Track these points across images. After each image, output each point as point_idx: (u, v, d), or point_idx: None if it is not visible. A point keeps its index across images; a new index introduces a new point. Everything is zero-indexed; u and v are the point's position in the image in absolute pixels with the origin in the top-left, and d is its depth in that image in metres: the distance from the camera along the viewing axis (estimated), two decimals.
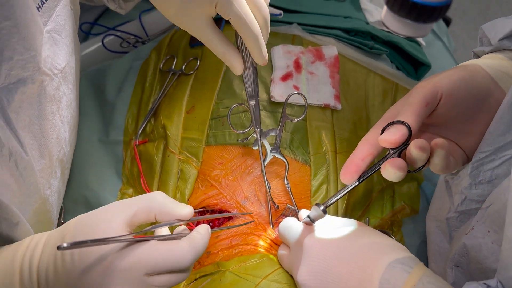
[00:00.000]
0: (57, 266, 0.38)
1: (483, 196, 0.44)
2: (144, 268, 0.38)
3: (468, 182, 0.45)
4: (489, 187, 0.44)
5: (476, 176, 0.44)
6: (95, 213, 0.41)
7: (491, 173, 0.43)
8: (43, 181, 0.45)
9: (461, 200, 0.46)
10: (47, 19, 0.42)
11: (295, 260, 0.46)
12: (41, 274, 0.38)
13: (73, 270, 0.37)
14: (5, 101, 0.37)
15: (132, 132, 0.63)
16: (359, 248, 0.42)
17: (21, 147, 0.40)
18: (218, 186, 0.56)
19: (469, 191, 0.45)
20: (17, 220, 0.41)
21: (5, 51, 0.35)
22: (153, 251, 0.38)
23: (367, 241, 0.43)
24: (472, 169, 0.44)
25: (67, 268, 0.37)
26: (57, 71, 0.44)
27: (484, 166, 0.44)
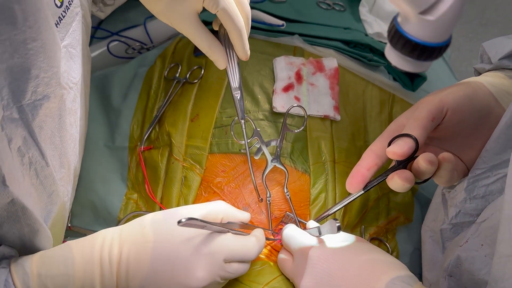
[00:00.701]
0: (140, 255, 0.44)
1: (477, 210, 0.47)
2: (224, 254, 0.45)
3: (463, 196, 0.47)
4: (482, 202, 0.46)
5: (471, 191, 0.47)
6: (170, 210, 0.49)
7: (485, 189, 0.46)
8: (63, 189, 0.47)
9: (456, 213, 0.48)
10: (64, 34, 0.44)
11: (298, 269, 0.48)
12: (122, 264, 0.44)
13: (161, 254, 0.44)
14: (30, 116, 0.39)
15: (137, 139, 0.64)
16: (362, 264, 0.45)
17: (42, 158, 0.42)
18: (220, 193, 0.59)
19: (464, 205, 0.47)
20: (39, 227, 0.43)
21: (32, 70, 0.37)
22: (231, 242, 0.46)
23: (370, 257, 0.46)
24: (468, 184, 0.47)
25: (148, 254, 0.44)
26: (72, 84, 0.45)
27: (479, 182, 0.46)
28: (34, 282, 0.42)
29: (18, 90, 0.37)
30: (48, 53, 0.38)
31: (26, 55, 0.36)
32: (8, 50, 0.35)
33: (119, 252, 0.44)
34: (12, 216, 0.41)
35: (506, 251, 0.37)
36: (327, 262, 0.46)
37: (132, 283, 0.44)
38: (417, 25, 0.33)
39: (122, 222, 0.59)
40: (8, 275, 0.41)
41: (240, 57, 0.56)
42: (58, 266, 0.43)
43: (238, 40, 0.53)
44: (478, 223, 0.45)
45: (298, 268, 0.48)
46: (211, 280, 0.45)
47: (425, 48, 0.34)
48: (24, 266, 0.42)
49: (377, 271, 0.43)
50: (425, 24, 0.33)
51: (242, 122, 0.56)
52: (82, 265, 0.43)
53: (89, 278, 0.43)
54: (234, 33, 0.52)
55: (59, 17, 0.42)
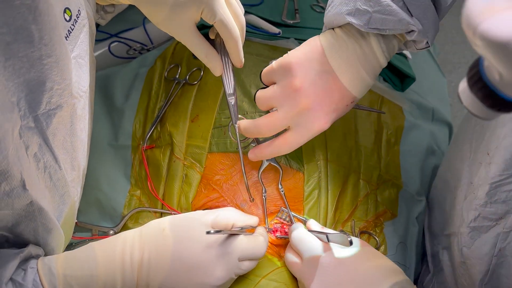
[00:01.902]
0: (161, 256, 0.48)
1: (496, 215, 0.50)
2: (238, 254, 0.51)
3: (484, 200, 0.50)
4: (503, 206, 0.49)
5: (493, 196, 0.49)
6: (187, 214, 0.54)
7: (507, 194, 0.48)
8: (74, 190, 0.51)
9: (475, 217, 0.51)
10: (73, 46, 0.46)
11: (308, 272, 0.51)
12: (143, 266, 0.48)
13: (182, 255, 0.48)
14: (44, 124, 0.42)
15: (139, 138, 0.67)
16: (367, 271, 0.49)
17: (55, 162, 0.45)
18: (219, 190, 0.62)
19: (484, 208, 0.50)
20: (53, 226, 0.47)
21: (47, 83, 0.40)
22: (244, 243, 0.52)
23: (373, 264, 0.50)
24: (490, 188, 0.49)
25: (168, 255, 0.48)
26: (82, 93, 0.48)
27: (502, 187, 0.49)
28: (60, 282, 0.45)
29: (34, 102, 0.40)
30: (61, 66, 0.41)
31: (42, 70, 0.39)
32: (26, 66, 0.37)
33: (141, 254, 0.48)
34: (29, 216, 0.44)
35: None
36: (336, 270, 0.49)
37: (153, 283, 0.48)
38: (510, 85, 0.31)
39: (126, 217, 0.62)
40: (36, 275, 0.44)
41: (235, 64, 0.59)
42: (82, 267, 0.46)
43: (234, 48, 0.56)
44: (507, 231, 0.48)
45: (307, 271, 0.52)
46: (228, 277, 0.50)
47: (500, 99, 0.32)
48: (50, 267, 0.45)
49: (380, 277, 0.48)
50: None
51: (236, 126, 0.59)
52: (104, 266, 0.47)
53: (111, 279, 0.46)
54: (230, 42, 0.56)
55: (68, 30, 0.44)
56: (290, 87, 0.53)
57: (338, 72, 0.52)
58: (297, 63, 0.53)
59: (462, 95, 0.35)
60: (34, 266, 0.45)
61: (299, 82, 0.52)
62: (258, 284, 0.54)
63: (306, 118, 0.53)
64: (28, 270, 0.45)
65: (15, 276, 0.44)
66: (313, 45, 0.54)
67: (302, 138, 0.55)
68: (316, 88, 0.52)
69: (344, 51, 0.52)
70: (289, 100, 0.53)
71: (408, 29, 0.49)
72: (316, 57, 0.53)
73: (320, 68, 0.52)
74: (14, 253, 0.45)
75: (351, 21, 0.50)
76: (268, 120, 0.55)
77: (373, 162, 0.67)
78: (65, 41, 0.43)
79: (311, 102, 0.52)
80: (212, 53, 0.57)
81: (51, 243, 0.49)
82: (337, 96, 0.53)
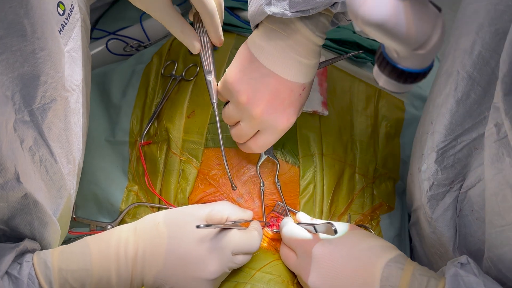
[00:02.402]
0: (155, 251, 0.49)
1: (449, 179, 0.51)
2: (231, 248, 0.51)
3: (434, 168, 0.52)
4: (452, 170, 0.51)
5: (441, 162, 0.51)
6: (181, 208, 0.55)
7: (453, 157, 0.50)
8: (70, 183, 0.51)
9: (430, 186, 0.53)
10: (67, 40, 0.47)
11: (303, 266, 0.52)
12: (138, 260, 0.48)
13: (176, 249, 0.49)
14: (40, 119, 0.42)
15: (137, 134, 0.68)
16: (360, 252, 0.49)
17: (51, 156, 0.46)
18: (215, 185, 0.63)
19: (436, 176, 0.52)
20: (48, 219, 0.47)
21: (41, 77, 0.40)
22: (237, 237, 0.52)
23: (366, 245, 0.50)
24: (437, 156, 0.51)
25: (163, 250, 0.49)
26: (75, 87, 0.49)
27: (447, 152, 0.50)
28: (55, 276, 0.46)
29: (28, 96, 0.40)
30: (54, 60, 0.42)
31: (35, 64, 0.39)
32: (19, 60, 0.38)
33: (135, 248, 0.49)
34: (24, 209, 0.44)
35: (498, 222, 0.42)
36: (330, 257, 0.50)
37: (147, 277, 0.49)
38: (408, 58, 0.36)
39: (124, 212, 0.63)
40: (31, 269, 0.45)
41: (213, 41, 0.58)
42: (77, 261, 0.47)
43: (210, 23, 0.55)
44: (465, 191, 0.50)
45: (302, 264, 0.52)
46: (221, 271, 0.50)
47: (413, 74, 0.36)
48: (46, 261, 0.46)
49: (375, 256, 0.48)
50: (415, 56, 0.35)
51: (214, 104, 0.59)
52: (98, 260, 0.47)
53: (106, 272, 0.47)
54: (206, 16, 0.55)
55: (61, 24, 0.45)
56: (239, 103, 0.53)
57: (276, 71, 0.52)
58: (235, 81, 0.53)
59: (376, 76, 0.40)
60: (30, 260, 0.46)
61: (245, 97, 0.53)
62: (253, 277, 0.54)
63: (267, 123, 0.54)
64: (23, 264, 0.45)
65: (11, 270, 0.45)
66: (243, 55, 0.54)
67: (270, 138, 0.56)
68: (262, 94, 0.52)
69: (274, 48, 0.51)
70: (244, 113, 0.54)
71: (331, 2, 0.48)
72: (250, 66, 0.53)
73: (258, 75, 0.52)
74: (10, 247, 0.45)
75: (271, 12, 0.48)
76: (236, 132, 0.57)
77: (369, 155, 0.67)
78: (58, 34, 0.43)
79: (263, 109, 0.53)
80: (188, 29, 0.56)
81: (47, 237, 0.49)
82: (286, 92, 0.53)
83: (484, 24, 0.42)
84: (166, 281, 0.49)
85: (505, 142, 0.38)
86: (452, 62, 0.48)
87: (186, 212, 0.53)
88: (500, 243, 0.42)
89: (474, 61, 0.43)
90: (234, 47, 0.70)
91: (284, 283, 0.54)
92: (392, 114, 0.72)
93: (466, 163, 0.49)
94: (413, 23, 0.33)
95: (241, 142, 0.58)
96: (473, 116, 0.46)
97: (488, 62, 0.42)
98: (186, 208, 0.55)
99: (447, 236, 0.52)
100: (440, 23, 0.34)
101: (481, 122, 0.45)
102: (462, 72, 0.45)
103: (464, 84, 0.45)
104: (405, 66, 0.36)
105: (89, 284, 0.47)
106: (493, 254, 0.44)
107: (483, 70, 0.43)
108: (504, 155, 0.39)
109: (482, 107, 0.45)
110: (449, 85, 0.48)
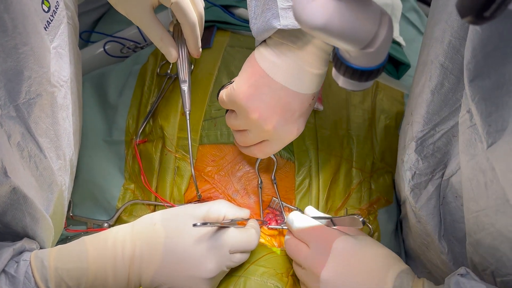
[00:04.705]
0: (152, 250, 0.49)
1: (430, 168, 0.51)
2: (229, 247, 0.51)
3: (415, 158, 0.51)
4: (433, 159, 0.50)
5: (421, 152, 0.51)
6: (178, 208, 0.55)
7: (433, 146, 0.50)
8: (61, 178, 0.52)
9: (412, 175, 0.53)
10: (53, 36, 0.47)
11: (317, 258, 0.50)
12: (135, 259, 0.48)
13: (173, 249, 0.49)
14: (26, 114, 0.43)
15: (133, 133, 0.68)
16: (376, 257, 0.49)
17: (40, 151, 0.46)
18: (211, 181, 0.63)
19: (417, 165, 0.52)
20: (40, 216, 0.48)
21: (25, 72, 0.41)
22: (235, 236, 0.52)
23: (380, 251, 0.50)
24: (417, 145, 0.50)
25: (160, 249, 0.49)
26: (63, 82, 0.49)
27: (426, 141, 0.50)
28: (51, 275, 0.46)
29: (13, 91, 0.41)
30: (38, 55, 0.42)
31: (18, 59, 0.40)
32: (1, 55, 0.39)
33: (132, 248, 0.49)
34: (14, 205, 0.45)
35: (474, 208, 0.42)
36: (348, 255, 0.49)
37: (145, 276, 0.49)
38: (359, 57, 0.37)
39: (120, 210, 0.63)
40: (28, 268, 0.46)
41: (192, 52, 0.59)
42: (73, 260, 0.47)
43: (190, 34, 0.56)
44: (447, 179, 0.50)
45: (316, 257, 0.50)
46: (219, 270, 0.50)
47: (365, 72, 0.38)
48: (42, 259, 0.47)
49: (387, 263, 0.48)
50: (365, 55, 0.36)
51: (187, 113, 0.59)
52: (95, 259, 0.48)
53: (102, 272, 0.47)
54: (186, 26, 0.55)
55: (47, 21, 0.45)
56: (248, 119, 0.52)
57: (287, 85, 0.51)
58: (245, 97, 0.52)
59: (334, 77, 0.41)
60: (27, 259, 0.46)
61: (256, 113, 0.51)
62: (247, 270, 0.54)
63: (276, 135, 0.53)
64: (20, 263, 0.46)
65: (8, 268, 0.45)
66: (253, 70, 0.52)
67: (276, 148, 0.56)
68: (274, 110, 0.51)
69: (286, 63, 0.50)
70: (254, 127, 0.53)
71: None
72: (260, 82, 0.51)
73: (268, 90, 0.51)
74: (8, 246, 0.46)
75: (282, 26, 0.48)
76: (242, 138, 0.57)
77: (366, 150, 0.66)
78: (43, 31, 0.44)
79: (275, 123, 0.52)
80: (167, 37, 0.57)
81: (40, 234, 0.50)
82: (297, 104, 0.52)
83: (453, 12, 0.41)
84: (164, 281, 0.49)
85: (476, 128, 0.38)
86: (427, 52, 0.48)
87: (183, 211, 0.53)
88: (477, 228, 0.42)
89: (445, 50, 0.43)
90: (229, 45, 0.71)
91: (278, 276, 0.53)
92: (391, 107, 0.71)
93: (446, 151, 0.49)
94: (357, 23, 0.33)
95: (245, 146, 0.58)
96: (449, 105, 0.46)
97: (459, 50, 0.42)
98: (183, 207, 0.55)
99: (432, 225, 0.51)
100: (386, 20, 0.35)
101: (458, 110, 0.45)
102: (435, 62, 0.45)
103: (437, 73, 0.45)
104: (358, 64, 0.37)
105: (85, 283, 0.47)
106: (473, 239, 0.44)
107: (454, 58, 0.43)
108: (476, 141, 0.39)
109: (457, 95, 0.44)
110: (425, 75, 0.48)
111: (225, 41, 0.71)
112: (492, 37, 0.33)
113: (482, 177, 0.39)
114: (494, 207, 0.38)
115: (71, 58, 0.52)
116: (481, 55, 0.34)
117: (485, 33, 0.33)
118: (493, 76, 0.34)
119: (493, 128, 0.34)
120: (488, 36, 0.33)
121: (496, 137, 0.34)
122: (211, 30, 0.73)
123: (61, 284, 0.46)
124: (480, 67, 0.34)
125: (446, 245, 0.51)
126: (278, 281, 0.53)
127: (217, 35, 0.73)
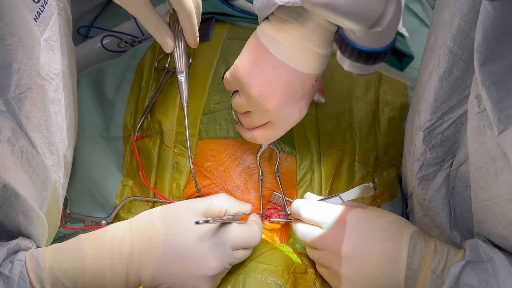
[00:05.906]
0: (152, 248, 0.47)
1: (438, 158, 0.50)
2: (231, 243, 0.50)
3: (423, 148, 0.50)
4: (441, 149, 0.49)
5: (429, 142, 0.49)
6: (177, 204, 0.53)
7: (441, 136, 0.48)
8: (55, 175, 0.50)
9: (420, 166, 0.51)
10: (44, 28, 0.46)
11: (334, 236, 0.50)
12: (134, 257, 0.47)
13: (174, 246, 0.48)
14: (16, 108, 0.41)
15: (130, 128, 0.67)
16: (389, 223, 0.50)
17: (32, 147, 0.45)
18: (210, 177, 0.61)
19: (425, 156, 0.50)
20: (33, 214, 0.46)
21: (14, 64, 0.39)
22: (237, 232, 0.51)
23: (392, 217, 0.51)
24: (424, 135, 0.49)
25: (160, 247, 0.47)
26: (54, 75, 0.48)
27: (434, 131, 0.49)
28: (46, 275, 0.45)
29: (2, 85, 0.39)
30: (27, 47, 0.41)
31: (6, 50, 0.38)
32: None
33: (131, 246, 0.47)
34: (6, 202, 0.43)
35: (484, 197, 0.41)
36: (364, 225, 0.49)
37: (144, 275, 0.47)
38: (365, 38, 0.35)
39: (118, 207, 0.62)
40: (23, 268, 0.44)
41: (189, 42, 0.57)
42: (69, 260, 0.46)
43: (187, 23, 0.54)
44: (456, 168, 0.49)
45: (333, 235, 0.50)
46: (222, 267, 0.49)
47: (372, 54, 0.36)
48: (38, 259, 0.45)
49: (399, 229, 0.48)
50: (372, 35, 0.34)
51: (184, 105, 0.58)
52: (92, 258, 0.46)
53: (100, 271, 0.46)
54: (183, 15, 0.53)
55: (37, 11, 0.44)
56: (250, 97, 0.52)
57: (289, 62, 0.50)
58: (246, 73, 0.51)
59: (340, 61, 0.39)
60: (22, 259, 0.45)
61: (257, 90, 0.51)
62: (247, 267, 0.53)
63: (279, 116, 0.53)
64: (15, 263, 0.44)
65: (2, 268, 0.44)
66: (254, 47, 0.51)
67: (279, 131, 0.55)
68: (275, 88, 0.50)
69: (286, 39, 0.49)
70: (256, 107, 0.52)
71: None
72: (262, 58, 0.50)
73: (270, 68, 0.50)
74: (1, 245, 0.45)
75: (281, 3, 0.47)
76: (246, 120, 0.56)
77: (369, 143, 0.65)
78: (32, 22, 0.42)
79: (276, 102, 0.51)
80: (163, 26, 0.55)
81: (35, 232, 0.48)
82: (298, 84, 0.51)
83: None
84: (164, 279, 0.47)
85: (485, 114, 0.36)
86: (435, 37, 0.46)
87: (182, 207, 0.52)
88: (486, 217, 0.41)
89: (454, 35, 0.42)
90: (227, 37, 0.69)
91: (278, 272, 0.52)
92: (395, 99, 0.69)
93: (454, 140, 0.47)
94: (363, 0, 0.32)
95: (249, 130, 0.57)
96: (458, 92, 0.44)
97: (468, 34, 0.40)
98: (183, 203, 0.54)
99: (442, 216, 0.50)
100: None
101: (466, 97, 0.43)
102: (444, 47, 0.43)
103: (446, 59, 0.43)
104: (364, 46, 0.36)
105: (82, 283, 0.46)
106: (482, 228, 0.43)
107: (464, 43, 0.41)
108: (485, 128, 0.37)
109: (467, 82, 0.43)
110: (432, 61, 0.46)
111: (223, 33, 0.70)
112: (504, 17, 0.31)
113: (492, 164, 0.37)
114: (505, 195, 0.37)
115: (63, 51, 0.51)
116: (492, 37, 0.32)
117: (497, 14, 0.31)
118: (505, 59, 0.32)
119: (504, 114, 0.33)
120: (500, 16, 0.31)
121: (508, 124, 0.33)
122: (209, 22, 0.71)
123: (57, 284, 0.45)
124: (491, 49, 0.33)
125: (458, 236, 0.50)
126: (279, 278, 0.52)
127: (215, 27, 0.71)
